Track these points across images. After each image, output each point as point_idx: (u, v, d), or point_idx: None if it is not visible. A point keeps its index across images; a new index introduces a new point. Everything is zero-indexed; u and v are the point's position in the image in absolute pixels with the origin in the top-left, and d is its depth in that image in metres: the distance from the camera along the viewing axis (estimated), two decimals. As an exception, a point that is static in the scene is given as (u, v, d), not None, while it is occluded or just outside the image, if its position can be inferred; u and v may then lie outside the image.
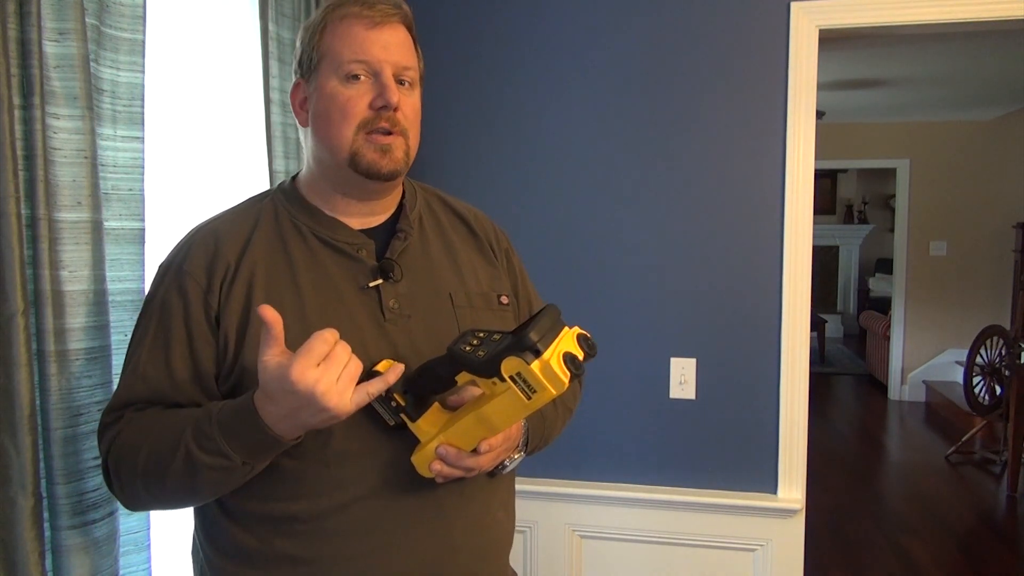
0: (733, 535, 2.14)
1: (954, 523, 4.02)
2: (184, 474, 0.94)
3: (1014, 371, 4.46)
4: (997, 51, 3.97)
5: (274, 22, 1.70)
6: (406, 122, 1.05)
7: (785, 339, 2.08)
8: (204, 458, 0.92)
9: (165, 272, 1.07)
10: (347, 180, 1.06)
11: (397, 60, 1.04)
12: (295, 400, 0.86)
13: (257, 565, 1.03)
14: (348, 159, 1.04)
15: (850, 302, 9.71)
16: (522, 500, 1.26)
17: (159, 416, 1.01)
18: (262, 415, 0.90)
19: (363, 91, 1.03)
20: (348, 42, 1.03)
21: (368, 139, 1.03)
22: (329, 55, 1.04)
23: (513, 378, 0.87)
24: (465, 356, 0.91)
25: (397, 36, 1.06)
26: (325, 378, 0.85)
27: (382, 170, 1.04)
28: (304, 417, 0.88)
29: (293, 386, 0.85)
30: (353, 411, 0.90)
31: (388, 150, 1.04)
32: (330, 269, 1.06)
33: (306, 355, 0.85)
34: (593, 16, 2.15)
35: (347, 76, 1.03)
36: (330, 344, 0.87)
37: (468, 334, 0.95)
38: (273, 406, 0.89)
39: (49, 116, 1.09)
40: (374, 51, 1.03)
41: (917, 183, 6.35)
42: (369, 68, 1.03)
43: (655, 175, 2.15)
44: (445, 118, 2.24)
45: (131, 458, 0.98)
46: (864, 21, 2.00)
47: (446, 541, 1.05)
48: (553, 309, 0.94)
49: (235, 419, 0.92)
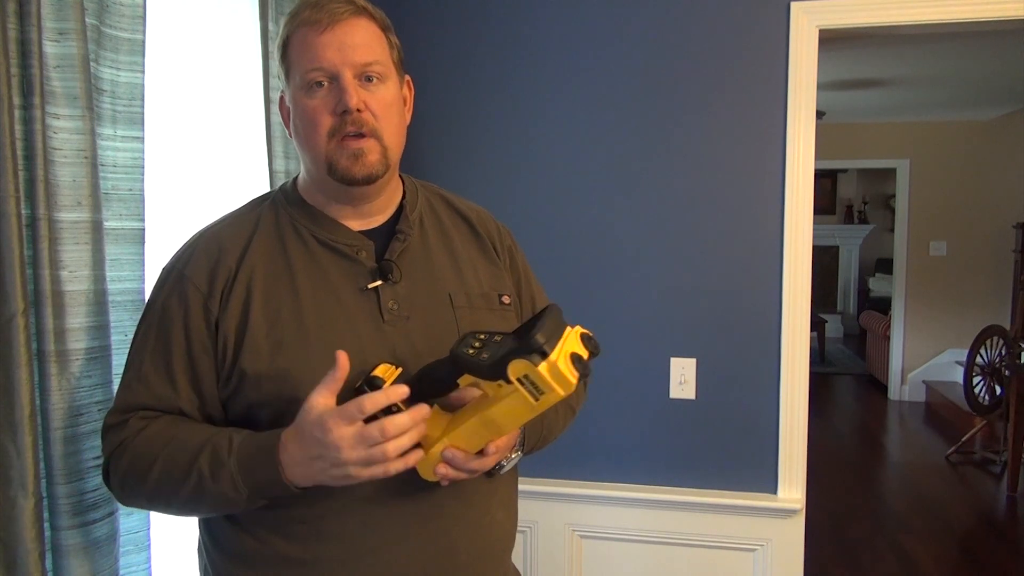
0: (733, 535, 2.14)
1: (954, 523, 4.02)
2: (192, 496, 0.97)
3: (1014, 371, 4.46)
4: (997, 51, 3.97)
5: (274, 22, 1.70)
6: (376, 121, 1.03)
7: (785, 339, 2.08)
8: (213, 487, 0.95)
9: (167, 276, 1.07)
10: (334, 188, 1.07)
11: (355, 59, 1.01)
12: (319, 448, 0.89)
13: (258, 566, 1.03)
14: (326, 168, 1.04)
15: (850, 302, 9.70)
16: (522, 500, 1.26)
17: (172, 430, 1.01)
18: (282, 454, 0.92)
19: (326, 99, 1.02)
20: (304, 51, 1.02)
21: (340, 145, 1.02)
22: (293, 67, 1.04)
23: (520, 380, 0.87)
24: (470, 360, 0.91)
25: (353, 33, 1.02)
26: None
27: (356, 176, 1.03)
28: (321, 466, 0.90)
29: (325, 434, 0.88)
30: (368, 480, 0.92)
31: (360, 155, 1.02)
32: (329, 271, 1.06)
33: (349, 413, 0.88)
34: (593, 16, 2.15)
35: (308, 85, 1.02)
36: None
37: (470, 336, 0.94)
38: (298, 446, 0.91)
39: (49, 116, 1.09)
40: (328, 55, 1.01)
41: (917, 183, 6.34)
42: (327, 73, 1.01)
43: (655, 175, 2.14)
44: (445, 118, 2.23)
45: (141, 470, 0.99)
46: (864, 21, 2.00)
47: (445, 542, 1.05)
48: (555, 309, 0.93)
49: (256, 454, 0.94)
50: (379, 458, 0.89)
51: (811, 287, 2.09)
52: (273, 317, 1.02)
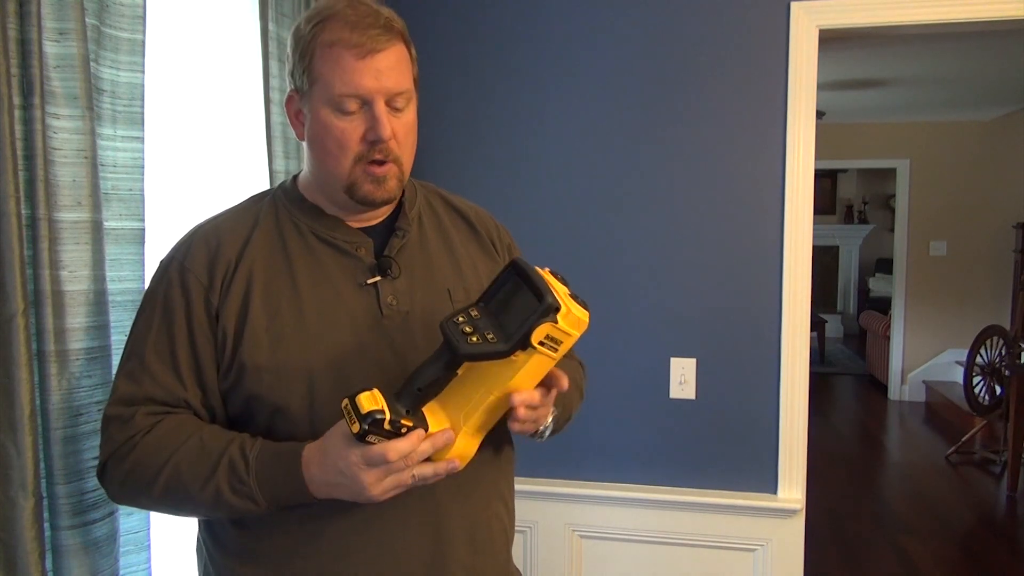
0: (733, 535, 2.14)
1: (954, 523, 4.03)
2: (206, 504, 0.99)
3: (1014, 371, 4.46)
4: (997, 51, 3.97)
5: (274, 22, 1.70)
6: (399, 148, 1.05)
7: (785, 339, 2.08)
8: (232, 499, 0.97)
9: (167, 268, 1.07)
10: (344, 201, 1.08)
11: (389, 88, 1.02)
12: (341, 479, 0.93)
13: (259, 563, 1.04)
14: (345, 188, 1.05)
15: (850, 302, 9.70)
16: (522, 500, 1.26)
17: (183, 433, 1.01)
18: (304, 473, 0.95)
19: (356, 123, 1.02)
20: (339, 73, 1.01)
21: (365, 171, 1.03)
22: (320, 82, 1.02)
23: (542, 342, 0.90)
24: (486, 348, 0.90)
25: (389, 59, 1.02)
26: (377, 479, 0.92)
27: (376, 200, 1.06)
28: (343, 492, 0.94)
29: (349, 468, 0.91)
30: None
31: (383, 181, 1.04)
32: (328, 267, 1.07)
33: (373, 459, 0.91)
34: (593, 16, 2.15)
35: (339, 107, 1.02)
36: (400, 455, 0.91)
37: (451, 327, 0.92)
38: (320, 470, 0.94)
39: (49, 116, 1.09)
40: (365, 83, 1.01)
41: (917, 183, 6.35)
42: (361, 100, 1.02)
43: (655, 175, 2.14)
44: (445, 117, 2.23)
45: (148, 474, 0.99)
46: (864, 21, 2.00)
47: (445, 537, 1.06)
48: (524, 261, 0.95)
49: (275, 467, 0.96)
50: (403, 484, 0.94)
51: (811, 287, 2.09)
52: (273, 311, 1.03)
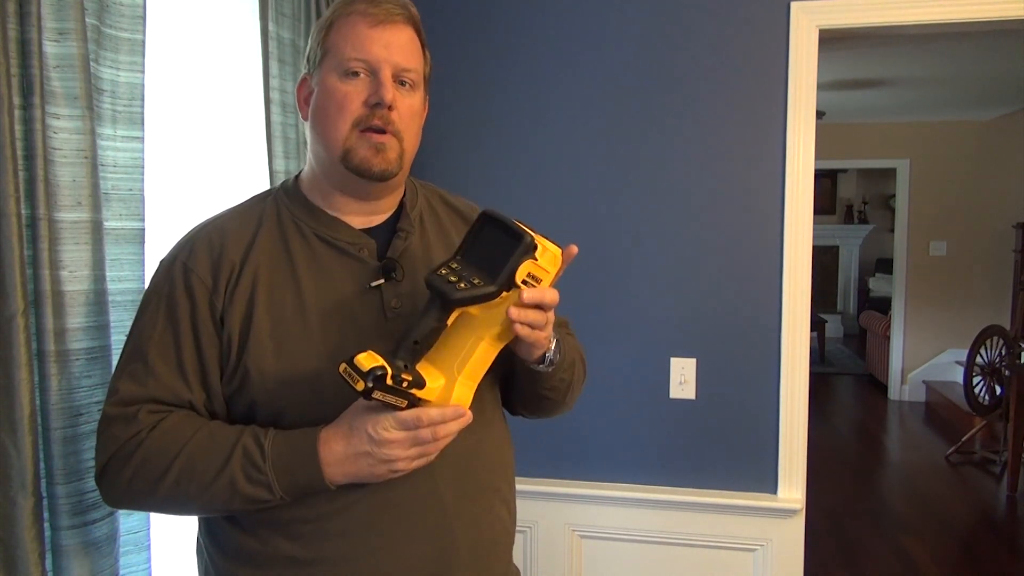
0: (733, 535, 2.14)
1: (954, 523, 4.02)
2: (219, 497, 0.97)
3: (1014, 371, 4.46)
4: (997, 51, 3.97)
5: (274, 22, 1.70)
6: (401, 123, 1.05)
7: (785, 339, 2.08)
8: (247, 488, 0.96)
9: (169, 267, 1.06)
10: (342, 177, 1.06)
11: (397, 60, 1.04)
12: (370, 445, 0.93)
13: (260, 566, 1.03)
14: (341, 155, 1.04)
15: (850, 302, 9.70)
16: (522, 500, 1.26)
17: (190, 427, 1.00)
18: (322, 451, 0.94)
19: (360, 88, 1.03)
20: (351, 39, 1.04)
21: (362, 136, 1.03)
22: (332, 51, 1.05)
23: (524, 281, 0.93)
24: (476, 292, 0.92)
25: (400, 36, 1.05)
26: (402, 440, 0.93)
27: (373, 168, 1.04)
28: (368, 462, 0.94)
29: (379, 432, 0.92)
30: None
31: (381, 149, 1.03)
32: (332, 269, 1.06)
33: (406, 422, 0.92)
34: (593, 16, 2.15)
35: (346, 72, 1.03)
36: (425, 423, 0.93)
37: (438, 279, 0.93)
38: (344, 442, 0.94)
39: (49, 116, 1.09)
40: (374, 49, 1.03)
41: (917, 183, 6.35)
42: (368, 66, 1.03)
43: (654, 175, 2.14)
44: (445, 117, 2.23)
45: (157, 470, 0.98)
46: (864, 21, 2.00)
47: (448, 539, 1.05)
48: (495, 211, 0.98)
49: (291, 455, 0.96)
50: (427, 454, 0.96)
51: (811, 287, 2.09)
52: (277, 315, 1.02)
